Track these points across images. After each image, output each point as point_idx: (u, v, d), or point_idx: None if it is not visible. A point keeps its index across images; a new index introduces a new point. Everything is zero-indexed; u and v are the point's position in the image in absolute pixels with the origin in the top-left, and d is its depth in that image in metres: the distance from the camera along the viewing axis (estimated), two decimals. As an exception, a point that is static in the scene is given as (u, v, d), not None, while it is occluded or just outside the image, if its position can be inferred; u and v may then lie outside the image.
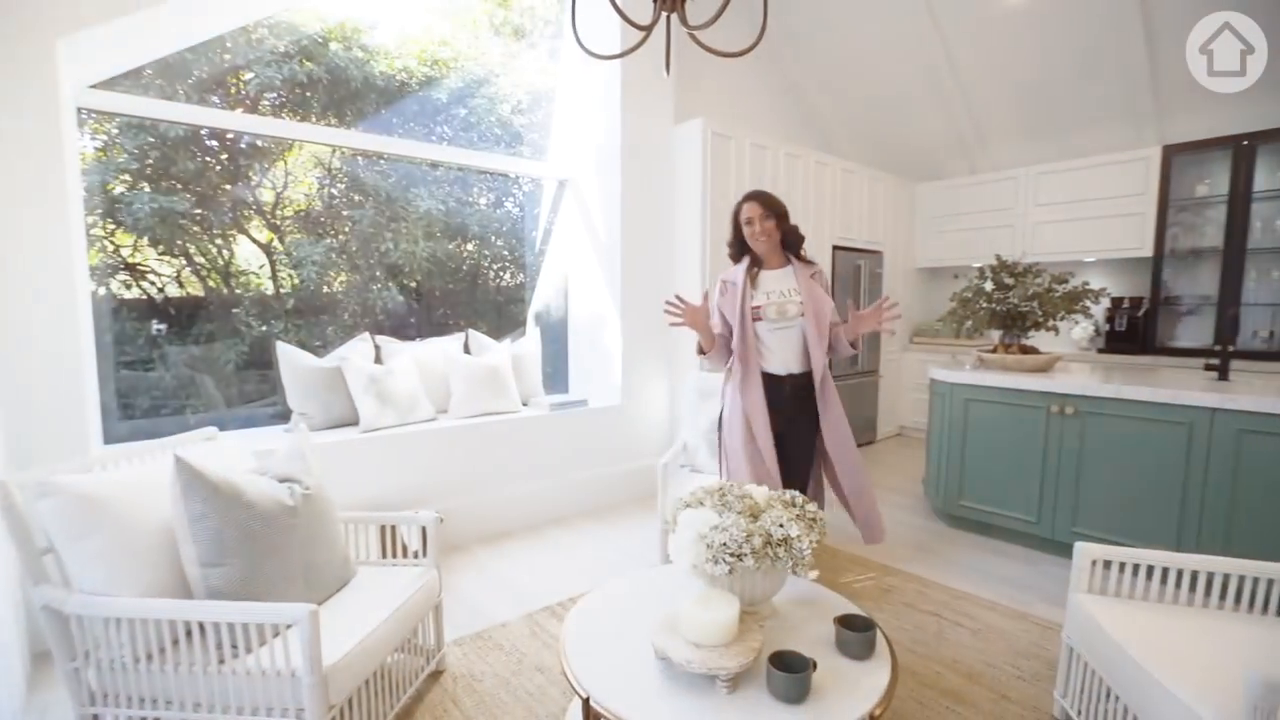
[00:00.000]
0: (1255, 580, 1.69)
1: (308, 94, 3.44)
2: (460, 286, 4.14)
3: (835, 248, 4.94)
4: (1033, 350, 3.50)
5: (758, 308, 2.31)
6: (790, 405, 2.32)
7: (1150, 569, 1.77)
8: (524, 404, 3.75)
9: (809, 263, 2.40)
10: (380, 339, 3.34)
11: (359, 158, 3.60)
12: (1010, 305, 3.50)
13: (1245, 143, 4.10)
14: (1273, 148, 4.06)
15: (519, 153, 4.19)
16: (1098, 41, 4.19)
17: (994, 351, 3.58)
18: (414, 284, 3.84)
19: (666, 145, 4.05)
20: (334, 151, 3.55)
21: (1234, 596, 1.71)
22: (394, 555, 2.07)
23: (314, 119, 3.43)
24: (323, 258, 3.51)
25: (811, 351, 2.27)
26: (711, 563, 1.55)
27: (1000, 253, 5.20)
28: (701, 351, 2.43)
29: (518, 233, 4.36)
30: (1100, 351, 4.77)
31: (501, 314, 4.36)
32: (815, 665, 1.38)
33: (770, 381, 2.32)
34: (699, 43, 1.63)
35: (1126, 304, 4.69)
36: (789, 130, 5.46)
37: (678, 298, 2.32)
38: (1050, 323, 3.48)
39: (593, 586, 2.67)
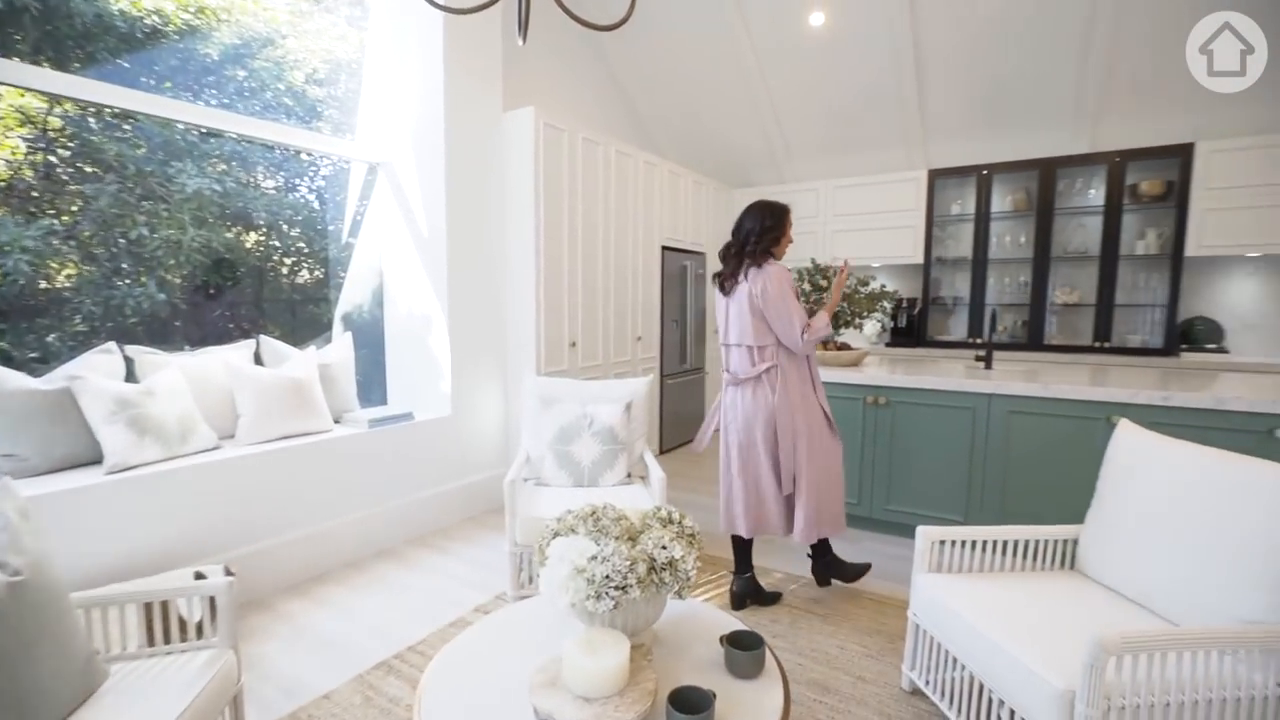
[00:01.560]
0: (1051, 542, 1.97)
1: (7, 29, 2.57)
2: (246, 284, 3.43)
3: (664, 248, 5.02)
4: (846, 347, 3.85)
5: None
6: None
7: (972, 544, 1.97)
8: (336, 421, 3.22)
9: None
10: (134, 350, 2.62)
11: (91, 117, 2.78)
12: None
13: (985, 172, 4.95)
14: (1003, 177, 4.95)
15: (316, 130, 3.59)
16: (880, 75, 4.76)
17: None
18: (179, 279, 3.09)
19: (496, 133, 3.75)
20: (52, 105, 2.70)
21: (1033, 556, 1.97)
22: (167, 639, 1.57)
23: (16, 60, 2.57)
24: (39, 243, 2.65)
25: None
26: (594, 599, 1.38)
27: (806, 257, 5.75)
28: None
29: (317, 221, 3.74)
30: (887, 346, 5.45)
31: (300, 316, 3.71)
32: (715, 696, 1.28)
33: None
34: (566, 9, 1.43)
35: (905, 304, 5.42)
36: (615, 129, 5.45)
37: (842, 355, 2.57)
38: (856, 320, 3.86)
39: (435, 629, 2.36)
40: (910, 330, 5.37)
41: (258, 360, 3.10)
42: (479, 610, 2.51)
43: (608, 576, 1.38)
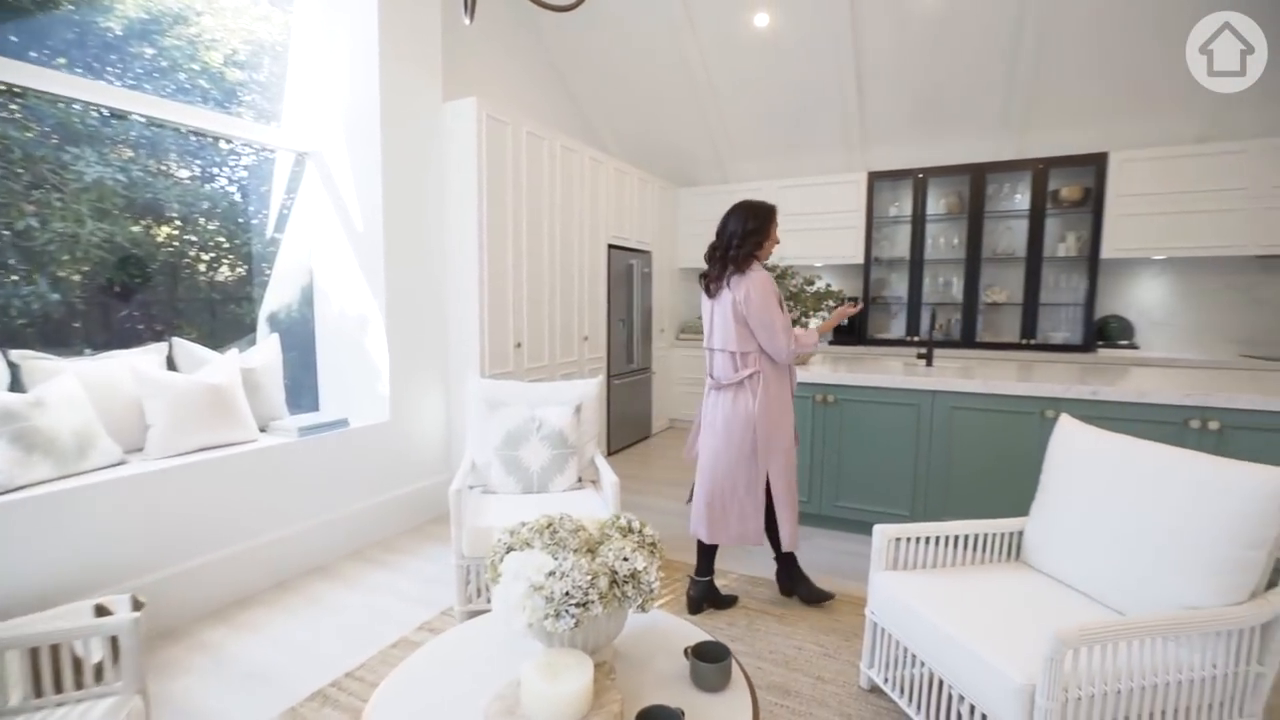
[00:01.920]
0: (998, 535, 2.01)
1: None
2: (157, 282, 3.14)
3: (611, 246, 4.95)
4: (792, 345, 3.88)
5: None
6: None
7: (926, 539, 1.99)
8: (262, 430, 2.99)
9: None
10: (20, 354, 2.33)
11: (-35, 92, 2.46)
12: (772, 304, 3.82)
13: (920, 175, 5.12)
14: (937, 181, 5.13)
15: (237, 115, 3.32)
16: (822, 78, 4.84)
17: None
18: (79, 277, 2.79)
19: (436, 123, 3.58)
20: (-86, 77, 2.37)
21: (981, 549, 2.02)
22: (59, 687, 1.36)
23: None
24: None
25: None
26: (553, 617, 1.29)
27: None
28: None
29: (239, 214, 3.47)
30: (830, 344, 5.56)
31: (220, 316, 3.43)
32: (683, 714, 1.23)
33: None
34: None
35: (842, 300, 5.54)
36: (560, 124, 5.33)
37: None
38: (804, 319, 3.90)
39: (376, 651, 2.20)
40: (852, 329, 5.50)
41: (171, 365, 2.84)
42: (425, 628, 2.37)
43: (568, 593, 1.30)
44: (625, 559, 1.41)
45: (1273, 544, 1.48)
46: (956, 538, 2.00)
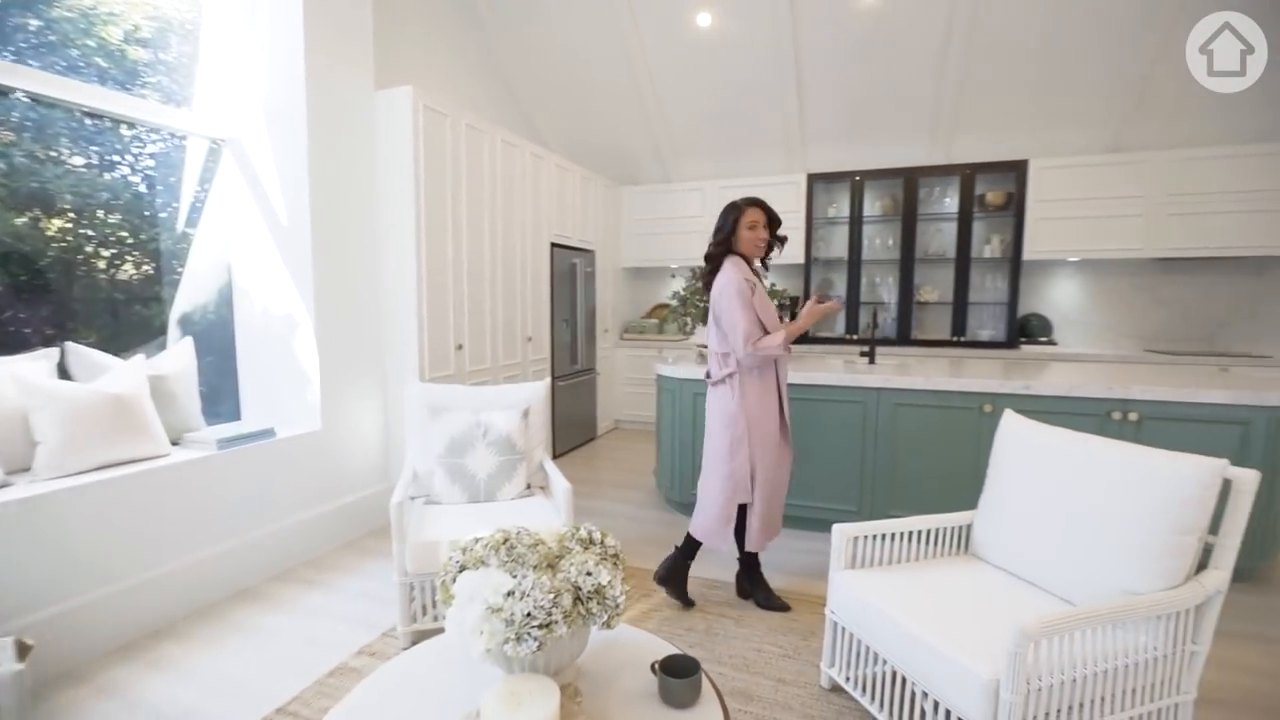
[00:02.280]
0: (949, 529, 2.06)
1: None
2: (46, 280, 2.80)
3: (553, 244, 4.84)
4: (739, 344, 3.89)
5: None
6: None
7: (880, 536, 2.01)
8: (175, 443, 2.72)
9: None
10: (-126, 366, 2.02)
11: None
12: (718, 304, 3.82)
13: (857, 178, 5.26)
14: (873, 183, 5.29)
15: (140, 97, 3.02)
16: (763, 80, 4.89)
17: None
18: (-53, 275, 2.45)
19: (369, 113, 3.37)
20: None
21: (933, 544, 2.05)
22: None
23: None
24: None
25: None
26: (514, 641, 1.20)
27: (691, 256, 5.81)
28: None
29: (145, 207, 3.15)
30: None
31: (123, 319, 3.11)
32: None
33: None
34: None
35: (789, 302, 5.63)
36: (499, 119, 5.16)
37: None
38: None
39: (311, 681, 2.03)
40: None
41: (64, 373, 2.54)
42: (365, 652, 2.21)
43: (529, 614, 1.21)
44: (588, 573, 1.34)
45: (1203, 529, 1.56)
46: (910, 533, 2.03)
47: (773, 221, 2.46)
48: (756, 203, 2.44)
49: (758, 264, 2.55)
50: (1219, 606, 1.57)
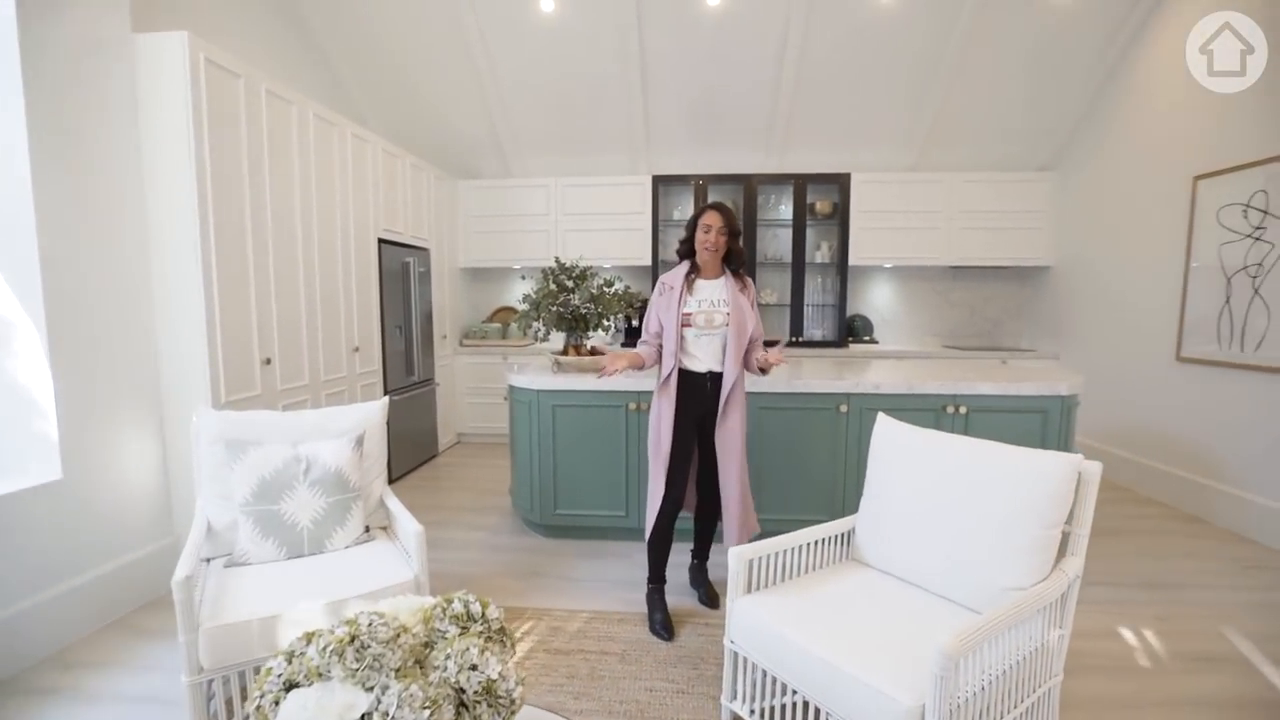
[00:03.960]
0: (832, 537, 2.03)
1: None
2: None
3: (381, 241, 4.25)
4: (597, 351, 3.69)
5: (689, 314, 2.45)
6: (711, 399, 2.46)
7: (775, 554, 1.92)
8: None
9: (741, 278, 2.52)
10: None
11: None
12: (574, 307, 3.60)
13: (700, 182, 5.34)
14: (716, 187, 5.41)
15: None
16: (609, 76, 4.75)
17: (565, 354, 3.62)
18: None
19: (126, 64, 2.61)
20: None
21: (819, 552, 2.02)
22: None
23: None
24: None
25: (727, 360, 2.41)
26: (381, 786, 0.87)
27: (536, 257, 5.51)
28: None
29: None
30: (622, 345, 5.54)
31: None
32: None
33: (692, 378, 2.47)
34: None
35: (638, 304, 5.56)
36: (312, 91, 4.42)
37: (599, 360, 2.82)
38: (605, 322, 3.73)
39: None
40: (635, 333, 5.54)
41: None
42: (137, 785, 1.63)
43: (401, 744, 0.88)
44: (473, 666, 1.04)
45: (1064, 521, 1.67)
46: (800, 546, 1.97)
47: (731, 230, 2.46)
48: (715, 207, 2.47)
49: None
50: (1078, 590, 1.69)
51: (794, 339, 5.35)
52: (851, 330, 5.50)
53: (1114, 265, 4.50)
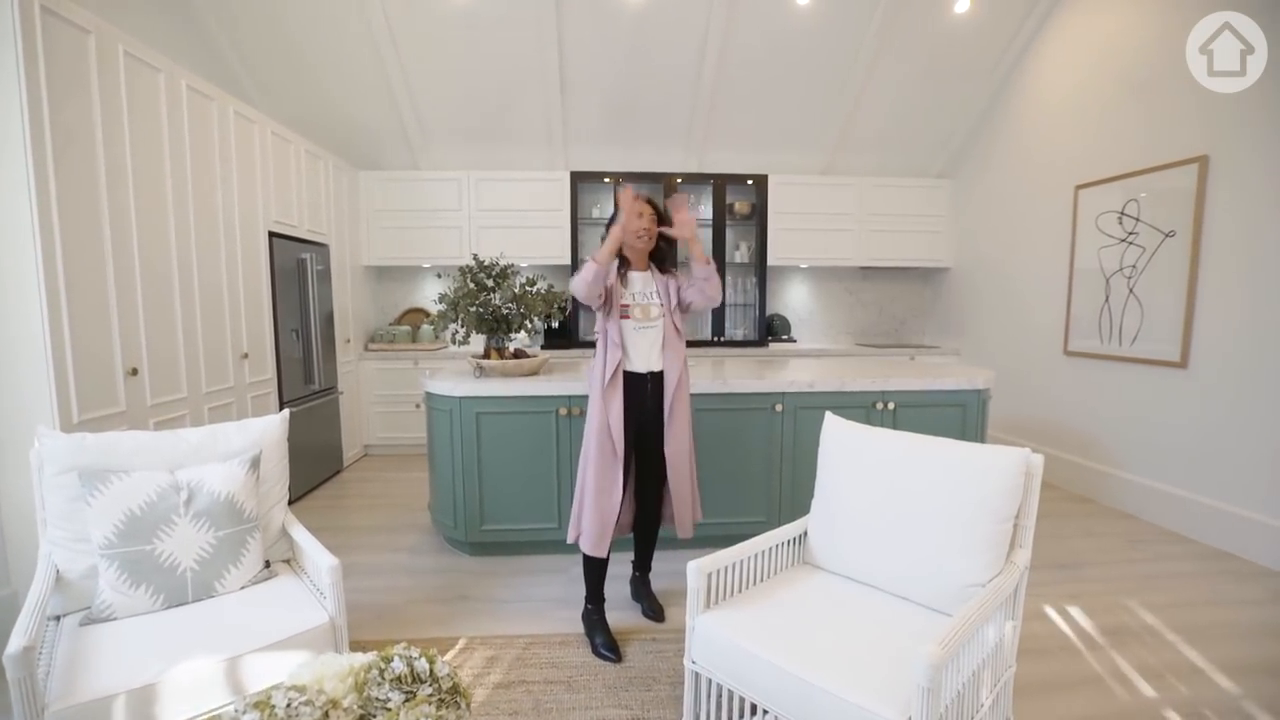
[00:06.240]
0: (788, 542, 1.97)
1: None
2: None
3: (273, 235, 3.80)
4: (523, 354, 3.49)
5: (625, 306, 2.33)
6: (653, 400, 2.33)
7: (734, 565, 1.82)
8: None
9: (670, 272, 2.44)
10: None
11: None
12: (494, 307, 3.38)
13: (619, 180, 5.23)
14: (635, 185, 5.16)
15: None
16: (525, 67, 4.52)
17: (486, 357, 3.39)
18: None
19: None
20: None
21: (770, 558, 1.95)
22: None
23: None
24: None
25: (667, 356, 2.34)
26: None
27: (448, 255, 5.19)
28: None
29: None
30: (543, 347, 5.32)
31: None
32: None
33: (631, 379, 2.33)
34: None
35: (563, 304, 5.36)
36: (184, 60, 3.87)
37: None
38: (528, 323, 3.53)
39: None
40: (564, 331, 5.35)
41: None
42: None
43: None
44: (430, 736, 0.85)
45: (1014, 515, 1.69)
46: (757, 554, 1.89)
47: (662, 222, 2.39)
48: (648, 199, 2.40)
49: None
50: (1026, 582, 1.71)
51: (715, 339, 5.35)
52: (771, 329, 5.59)
53: (1007, 267, 4.84)
